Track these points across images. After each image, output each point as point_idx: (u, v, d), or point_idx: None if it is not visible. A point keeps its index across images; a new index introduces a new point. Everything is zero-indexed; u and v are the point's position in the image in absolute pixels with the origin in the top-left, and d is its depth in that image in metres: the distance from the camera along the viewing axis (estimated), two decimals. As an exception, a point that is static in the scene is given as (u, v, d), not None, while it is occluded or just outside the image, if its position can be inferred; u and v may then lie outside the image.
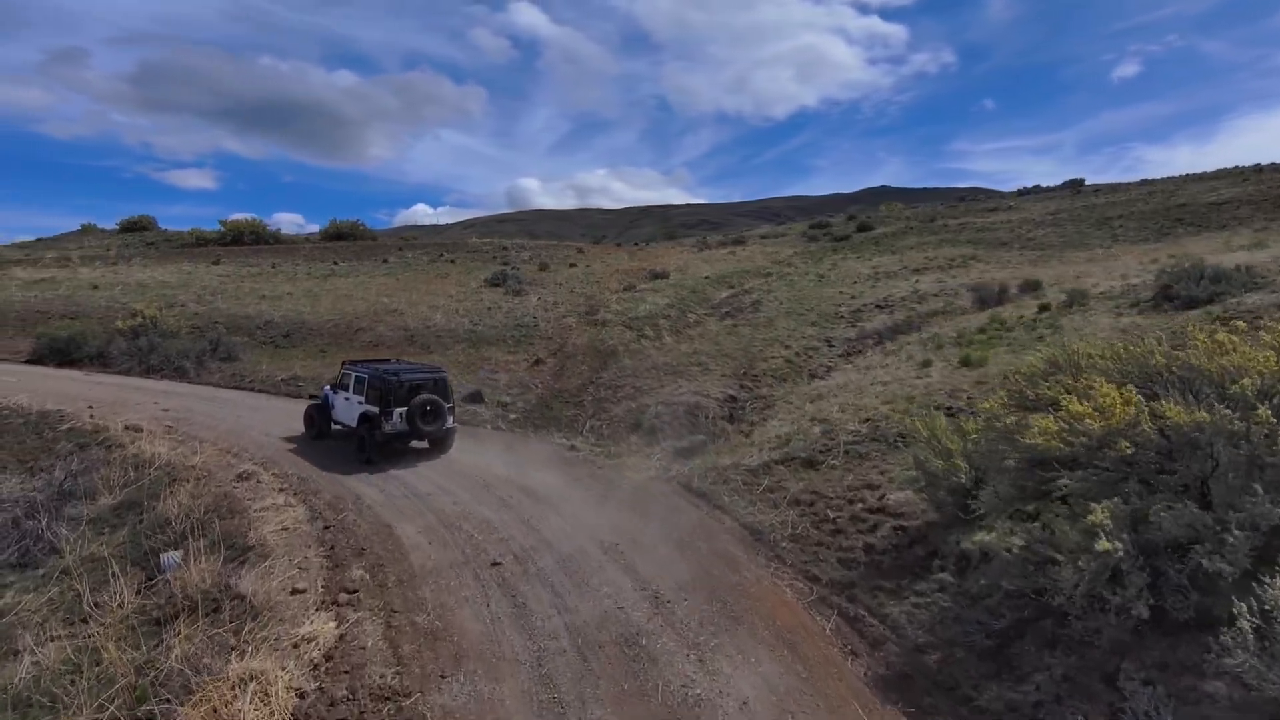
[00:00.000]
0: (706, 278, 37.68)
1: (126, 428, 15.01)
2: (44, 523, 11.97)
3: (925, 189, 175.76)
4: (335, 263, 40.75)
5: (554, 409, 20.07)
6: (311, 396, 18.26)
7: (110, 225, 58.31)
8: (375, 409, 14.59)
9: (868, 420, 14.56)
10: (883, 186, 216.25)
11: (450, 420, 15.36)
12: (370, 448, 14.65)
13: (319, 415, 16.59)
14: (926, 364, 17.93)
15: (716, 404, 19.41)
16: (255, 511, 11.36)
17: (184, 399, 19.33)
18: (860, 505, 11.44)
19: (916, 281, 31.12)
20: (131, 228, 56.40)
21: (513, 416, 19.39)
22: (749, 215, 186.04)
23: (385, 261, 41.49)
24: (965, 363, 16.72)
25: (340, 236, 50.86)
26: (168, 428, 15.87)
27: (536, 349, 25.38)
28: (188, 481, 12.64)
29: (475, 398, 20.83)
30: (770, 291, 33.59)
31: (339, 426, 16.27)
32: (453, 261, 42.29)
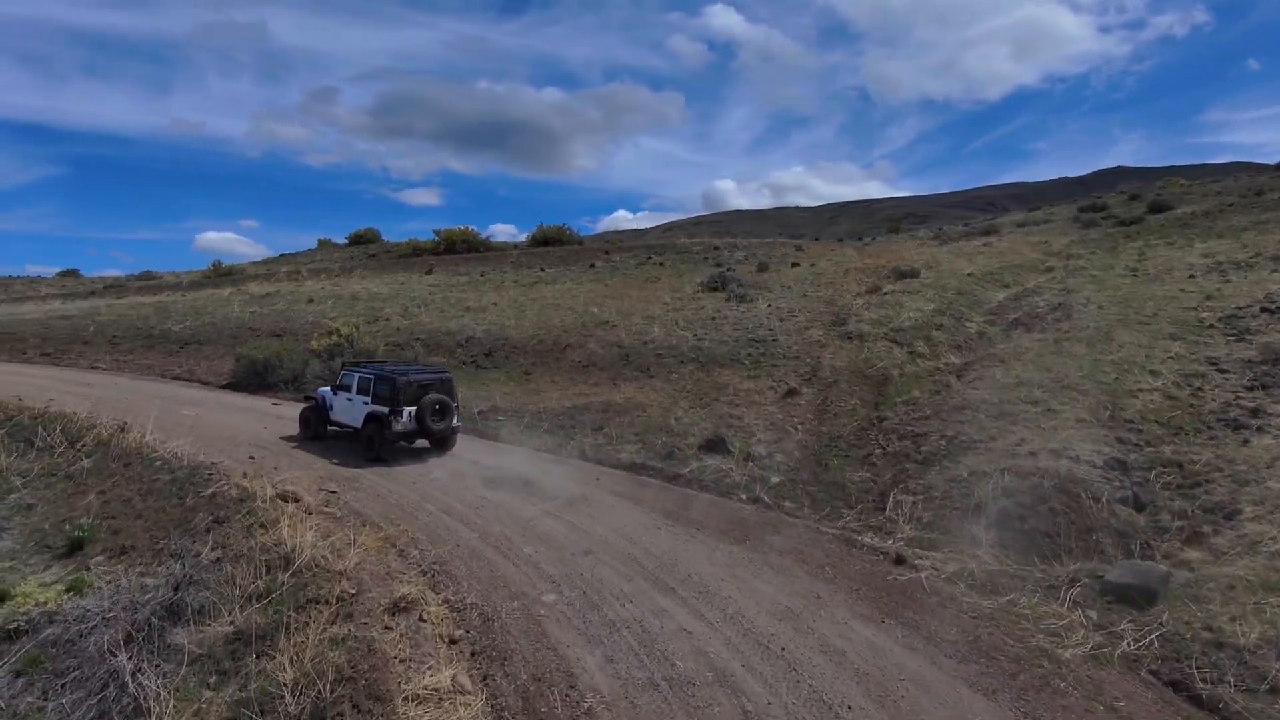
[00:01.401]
0: (969, 275, 29.73)
1: (277, 496, 11.20)
2: (133, 666, 8.11)
3: (1171, 167, 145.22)
4: (542, 269, 37.71)
5: (831, 469, 13.92)
6: (307, 398, 17.89)
7: (342, 240, 61.08)
8: (384, 409, 14.68)
9: None
10: (1118, 167, 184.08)
11: (455, 419, 15.41)
12: (380, 445, 14.74)
13: (315, 417, 16.48)
14: None
15: (1100, 476, 12.19)
16: (404, 701, 6.49)
17: (365, 442, 15.81)
18: None
19: (1295, 273, 21.69)
20: (358, 241, 58.48)
21: (774, 480, 13.50)
22: (959, 206, 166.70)
23: (592, 266, 37.77)
24: None
25: (547, 242, 48.87)
26: (329, 494, 11.96)
27: (784, 373, 19.37)
28: (325, 605, 8.21)
29: (716, 445, 15.21)
30: (1072, 292, 25.18)
31: (336, 428, 16.17)
32: (662, 264, 37.59)
